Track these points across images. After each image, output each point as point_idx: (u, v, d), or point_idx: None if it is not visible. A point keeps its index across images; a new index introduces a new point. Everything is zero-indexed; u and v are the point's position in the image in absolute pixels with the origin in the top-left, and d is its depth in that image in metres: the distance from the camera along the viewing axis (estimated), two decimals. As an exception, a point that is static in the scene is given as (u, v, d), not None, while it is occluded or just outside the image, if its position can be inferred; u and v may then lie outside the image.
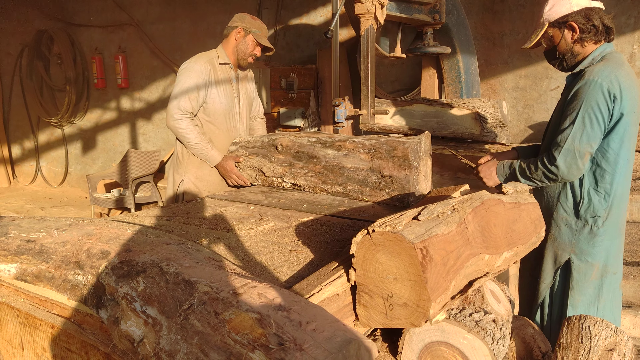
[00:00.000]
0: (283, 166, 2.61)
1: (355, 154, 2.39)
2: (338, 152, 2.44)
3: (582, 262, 2.25)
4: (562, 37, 2.21)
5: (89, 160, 7.61)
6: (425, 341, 1.33)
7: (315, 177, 2.51)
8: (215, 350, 0.84)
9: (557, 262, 2.32)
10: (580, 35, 2.17)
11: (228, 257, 1.54)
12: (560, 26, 2.19)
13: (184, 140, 2.88)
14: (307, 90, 5.09)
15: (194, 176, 2.97)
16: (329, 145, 2.48)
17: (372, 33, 2.76)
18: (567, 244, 2.28)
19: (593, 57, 2.19)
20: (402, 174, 2.26)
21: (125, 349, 1.00)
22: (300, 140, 2.58)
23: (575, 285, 2.27)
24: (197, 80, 2.86)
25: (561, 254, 2.30)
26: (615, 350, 1.42)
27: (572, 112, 2.10)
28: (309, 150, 2.53)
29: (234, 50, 2.98)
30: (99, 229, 1.36)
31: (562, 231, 2.29)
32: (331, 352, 0.83)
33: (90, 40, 7.14)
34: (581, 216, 2.23)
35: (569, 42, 2.21)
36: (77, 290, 1.21)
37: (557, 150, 2.10)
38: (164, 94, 6.55)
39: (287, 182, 2.62)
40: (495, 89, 4.36)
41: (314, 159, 2.51)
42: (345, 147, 2.43)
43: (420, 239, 1.16)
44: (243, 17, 2.99)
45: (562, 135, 2.10)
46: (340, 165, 2.42)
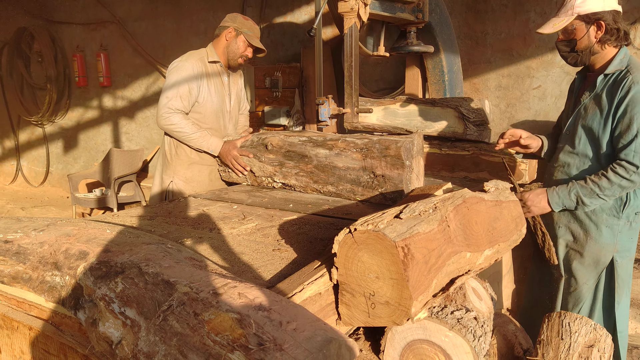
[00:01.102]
0: (273, 166, 2.59)
1: (347, 153, 2.37)
2: (330, 152, 2.42)
3: (624, 259, 2.28)
4: (587, 33, 2.18)
5: (71, 159, 7.50)
6: (408, 339, 1.33)
7: (306, 177, 2.49)
8: (194, 352, 0.83)
9: (602, 263, 2.30)
10: (603, 36, 2.17)
11: (210, 257, 1.53)
12: (589, 22, 2.17)
13: (180, 137, 2.82)
14: (292, 89, 5.07)
15: (183, 177, 2.93)
16: (321, 145, 2.46)
17: (356, 32, 2.75)
18: (609, 244, 2.27)
19: (620, 58, 2.19)
20: (395, 173, 2.25)
21: (103, 350, 0.99)
22: (291, 140, 2.55)
23: (621, 282, 2.29)
24: (188, 78, 2.80)
25: (605, 254, 2.29)
26: (595, 347, 1.44)
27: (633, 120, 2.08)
28: (299, 149, 2.50)
29: (225, 50, 2.94)
30: (77, 229, 1.34)
31: (603, 233, 2.27)
32: (311, 351, 0.83)
33: (72, 38, 7.03)
34: (624, 216, 2.25)
35: (592, 40, 2.19)
36: (55, 291, 1.19)
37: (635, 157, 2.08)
38: (147, 92, 6.49)
39: (277, 181, 2.59)
40: (479, 87, 4.40)
41: (305, 159, 2.48)
42: (337, 146, 2.41)
43: (402, 237, 1.16)
44: (235, 17, 2.94)
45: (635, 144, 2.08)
46: (332, 164, 2.40)
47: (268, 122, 5.11)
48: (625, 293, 2.33)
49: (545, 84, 4.08)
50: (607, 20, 2.14)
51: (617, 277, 2.28)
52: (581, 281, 2.37)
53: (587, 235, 2.31)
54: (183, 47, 6.01)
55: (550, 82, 4.06)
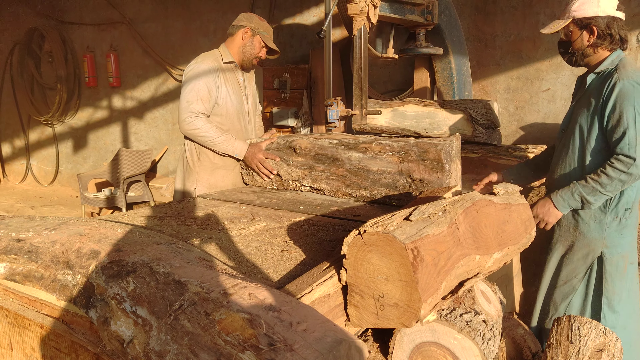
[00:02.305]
0: (302, 169, 2.52)
1: (383, 156, 2.31)
2: (363, 155, 2.35)
3: (614, 255, 2.31)
4: (580, 36, 2.29)
5: (80, 159, 7.56)
6: (416, 341, 1.33)
7: (337, 181, 2.42)
8: (205, 351, 0.83)
9: (590, 257, 2.36)
10: (596, 41, 2.27)
11: (219, 257, 1.53)
12: (582, 26, 2.28)
13: (204, 141, 2.75)
14: (300, 90, 5.08)
15: (207, 183, 2.87)
16: (353, 147, 2.39)
17: (365, 33, 2.76)
18: (598, 239, 2.32)
19: (612, 59, 2.28)
20: (434, 177, 2.19)
21: (114, 349, 1.00)
22: (321, 142, 2.49)
23: (609, 277, 2.32)
24: (207, 80, 2.76)
25: (593, 248, 2.34)
26: (605, 351, 1.43)
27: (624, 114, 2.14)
28: (330, 152, 2.43)
29: (240, 50, 2.89)
30: (88, 228, 1.35)
31: (591, 227, 2.33)
32: (322, 352, 0.83)
33: (82, 39, 7.09)
34: (613, 211, 2.29)
35: (584, 43, 2.30)
36: (66, 290, 1.20)
37: (631, 150, 2.12)
38: (156, 92, 6.52)
39: (306, 185, 2.53)
40: (487, 90, 4.38)
41: (336, 162, 2.42)
42: (372, 149, 2.34)
43: (412, 239, 1.16)
44: (251, 18, 2.89)
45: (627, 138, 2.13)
46: (366, 168, 2.34)
47: (276, 123, 5.12)
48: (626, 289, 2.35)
49: (554, 86, 4.07)
50: (600, 26, 2.24)
51: (605, 272, 2.33)
52: (571, 274, 2.42)
53: (576, 229, 2.38)
54: (192, 48, 6.06)
55: (559, 85, 4.04)
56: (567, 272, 2.44)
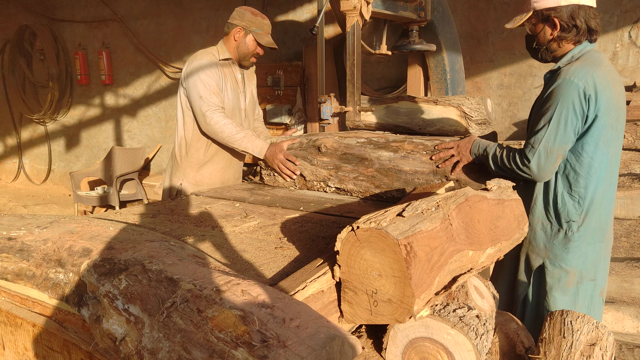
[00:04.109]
0: (328, 169, 2.42)
1: (416, 155, 2.22)
2: (394, 154, 2.26)
3: (556, 268, 2.14)
4: (543, 29, 2.08)
5: (73, 157, 7.51)
6: (410, 337, 1.34)
7: (366, 182, 2.33)
8: (197, 348, 0.83)
9: (531, 265, 2.21)
10: (559, 34, 2.05)
11: (213, 255, 1.53)
12: (543, 18, 2.06)
13: (223, 137, 2.68)
14: (294, 87, 5.07)
15: (193, 180, 2.87)
16: (383, 147, 2.30)
17: (358, 30, 2.75)
18: (541, 249, 2.17)
19: (572, 54, 2.06)
20: (473, 177, 2.10)
21: (107, 347, 0.99)
22: (348, 141, 2.40)
23: (549, 290, 2.16)
24: (210, 74, 2.73)
25: (535, 257, 2.19)
26: (597, 345, 1.44)
27: (546, 112, 1.98)
28: (358, 151, 2.34)
29: (235, 50, 2.86)
30: (80, 226, 1.34)
31: (537, 235, 2.17)
32: (314, 348, 0.83)
33: (74, 36, 7.04)
34: (555, 220, 2.11)
35: (547, 37, 2.09)
36: (58, 288, 1.20)
37: (530, 152, 1.98)
38: (149, 90, 6.49)
39: (331, 186, 2.44)
40: (481, 86, 4.39)
41: (364, 162, 2.32)
42: (403, 148, 2.25)
43: (405, 235, 1.16)
44: (243, 15, 2.84)
45: (537, 137, 1.98)
46: (397, 168, 2.24)
47: (270, 120, 5.11)
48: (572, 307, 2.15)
49: (547, 82, 4.08)
50: (562, 17, 2.01)
51: (546, 284, 2.16)
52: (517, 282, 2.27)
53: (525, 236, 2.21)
54: (185, 46, 6.04)
55: (552, 81, 4.05)
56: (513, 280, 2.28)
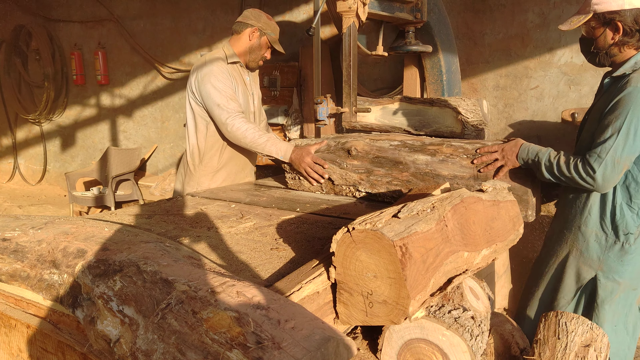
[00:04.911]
0: (358, 173, 2.35)
1: (455, 159, 2.16)
2: (432, 158, 2.20)
3: (609, 280, 2.09)
4: (603, 33, 2.00)
5: (68, 157, 7.49)
6: (405, 338, 1.34)
7: (401, 186, 2.26)
8: (192, 350, 0.83)
9: (582, 278, 2.14)
10: (622, 38, 1.97)
11: (208, 256, 1.53)
12: (605, 22, 1.98)
13: (246, 142, 2.63)
14: (290, 88, 5.07)
15: (207, 187, 2.83)
16: (419, 150, 2.24)
17: (354, 31, 2.75)
18: (594, 260, 2.10)
19: (636, 60, 1.99)
20: (517, 184, 2.03)
21: (101, 349, 0.99)
22: (380, 144, 2.34)
23: (601, 304, 2.10)
24: (223, 79, 2.69)
25: (587, 270, 2.12)
26: (592, 346, 1.44)
27: (615, 121, 1.89)
28: (392, 155, 2.28)
29: (246, 49, 2.82)
30: (75, 227, 1.34)
31: (590, 246, 2.10)
32: (309, 350, 0.83)
33: (69, 36, 7.02)
34: (612, 232, 2.06)
35: (608, 41, 2.01)
36: (53, 289, 1.19)
37: (597, 162, 1.90)
38: (145, 90, 6.47)
39: (362, 191, 2.36)
40: (477, 87, 4.40)
41: (399, 165, 2.25)
42: (441, 151, 2.19)
43: (400, 236, 1.16)
44: (259, 16, 2.83)
45: (604, 146, 1.89)
46: (435, 172, 2.18)
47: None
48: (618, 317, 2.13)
49: (542, 84, 4.09)
50: (626, 21, 1.94)
51: (597, 297, 2.11)
52: (560, 294, 2.22)
53: (574, 245, 2.17)
54: (181, 46, 6.03)
55: (547, 83, 4.07)
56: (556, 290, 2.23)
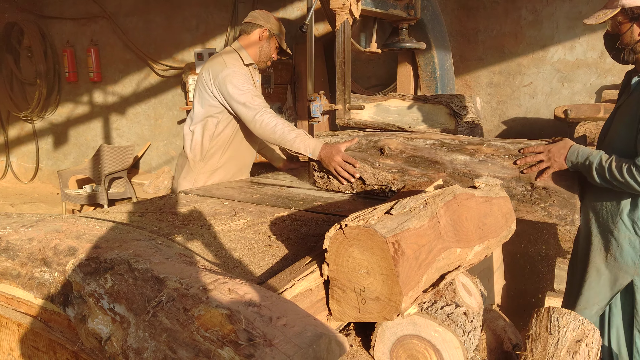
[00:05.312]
0: (392, 173, 2.27)
1: (496, 160, 2.08)
2: (471, 158, 2.12)
3: None
4: (630, 29, 1.96)
5: (61, 155, 7.45)
6: (398, 335, 1.34)
7: None
8: (183, 347, 0.83)
9: (618, 284, 2.10)
10: None
11: (201, 253, 1.52)
12: (633, 17, 1.94)
13: (274, 138, 2.54)
14: (284, 85, 5.06)
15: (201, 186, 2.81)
16: (457, 149, 2.17)
17: (348, 28, 2.75)
18: (629, 266, 2.06)
19: None
20: (564, 185, 1.95)
21: (92, 347, 0.99)
22: (415, 143, 2.27)
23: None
24: (245, 79, 2.66)
25: (623, 276, 2.08)
26: (583, 341, 1.45)
27: None
28: (428, 154, 2.21)
29: (257, 51, 2.81)
30: (66, 225, 1.33)
31: (624, 252, 2.05)
32: (301, 347, 0.83)
33: (62, 33, 6.97)
34: None
35: (634, 37, 1.97)
36: (43, 288, 1.19)
37: None
38: (138, 88, 6.45)
39: (395, 191, 2.26)
40: (470, 85, 4.41)
41: (435, 165, 2.18)
42: (481, 151, 2.12)
43: (392, 233, 1.16)
44: (268, 17, 2.83)
45: None
46: (474, 173, 2.11)
47: (260, 118, 5.09)
48: None
49: (535, 81, 4.11)
50: None
51: (636, 302, 2.07)
52: (592, 300, 2.16)
53: (608, 251, 2.11)
54: (175, 43, 6.00)
55: (540, 80, 4.08)
56: (589, 296, 2.17)
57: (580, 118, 3.32)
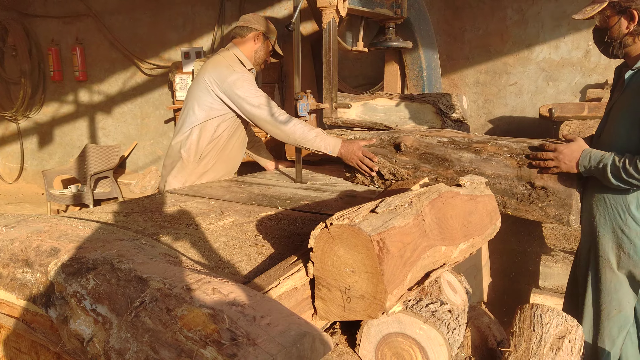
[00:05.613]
0: (407, 169, 2.35)
1: (499, 158, 2.12)
2: (476, 156, 2.17)
3: None
4: (618, 22, 1.98)
5: (46, 155, 7.36)
6: (383, 332, 1.34)
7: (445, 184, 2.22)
8: (166, 348, 0.82)
9: (637, 281, 2.09)
10: (637, 27, 1.95)
11: (186, 253, 1.51)
12: (620, 10, 1.96)
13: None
14: (272, 84, 5.05)
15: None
16: (465, 147, 2.22)
17: (334, 26, 2.75)
18: None
19: None
20: (562, 186, 1.97)
21: (74, 348, 0.98)
22: (428, 140, 2.32)
23: None
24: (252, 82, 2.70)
25: (639, 272, 2.07)
26: (566, 338, 1.46)
27: None
28: (438, 151, 2.26)
29: (252, 54, 2.84)
30: (49, 225, 1.31)
31: (637, 247, 2.04)
32: (285, 346, 0.83)
33: (47, 32, 6.89)
34: None
35: (622, 30, 1.99)
36: (25, 289, 1.17)
37: None
38: (124, 87, 6.39)
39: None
40: (457, 83, 4.43)
41: (444, 162, 2.24)
42: (486, 149, 2.17)
43: (377, 231, 1.17)
44: (261, 20, 2.85)
45: None
46: (479, 170, 2.16)
47: (247, 117, 5.07)
48: None
49: (521, 80, 4.14)
50: None
51: None
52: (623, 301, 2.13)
53: (621, 249, 2.09)
54: (161, 42, 5.95)
55: (526, 79, 4.12)
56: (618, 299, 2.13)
57: (565, 117, 3.35)
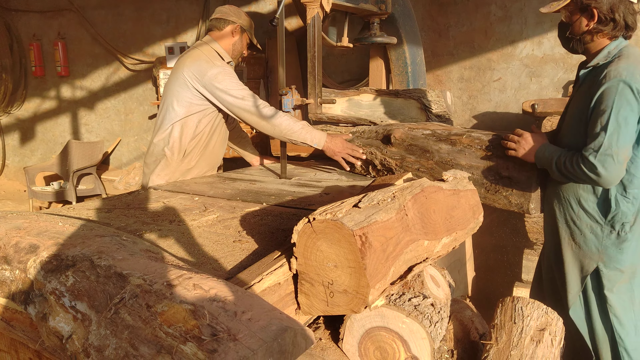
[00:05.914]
0: (395, 160, 2.43)
1: (472, 150, 2.19)
2: (452, 147, 2.24)
3: (611, 270, 2.10)
4: (579, 19, 2.02)
5: (28, 151, 7.25)
6: (366, 327, 1.35)
7: (427, 174, 2.30)
8: (145, 344, 0.82)
9: (584, 271, 2.15)
10: (596, 26, 1.99)
11: (169, 249, 1.50)
12: (582, 8, 2.00)
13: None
14: (257, 80, 5.02)
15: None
16: (444, 139, 2.29)
17: (319, 22, 2.74)
18: (594, 252, 2.11)
19: (609, 50, 2.01)
20: (524, 176, 2.05)
21: (54, 345, 0.97)
22: (415, 133, 2.39)
23: (608, 293, 2.11)
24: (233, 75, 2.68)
25: (588, 262, 2.13)
26: (547, 330, 1.48)
27: (602, 115, 1.90)
28: (422, 143, 2.34)
29: (231, 48, 2.82)
30: (28, 222, 1.30)
31: (587, 239, 2.11)
32: (266, 340, 0.83)
33: (28, 26, 6.77)
34: (608, 223, 2.07)
35: (582, 28, 2.03)
36: (4, 286, 1.15)
37: (593, 156, 1.89)
38: (107, 82, 6.31)
39: None
40: (442, 79, 4.45)
41: (426, 154, 2.31)
42: (461, 141, 2.23)
43: (360, 225, 1.17)
44: (239, 13, 2.83)
45: (597, 141, 1.89)
46: (455, 161, 2.22)
47: (232, 113, 5.05)
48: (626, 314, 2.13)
49: (505, 76, 4.17)
50: (602, 9, 1.96)
51: (603, 287, 2.12)
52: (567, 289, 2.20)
53: (572, 239, 2.17)
54: (144, 37, 5.89)
55: (510, 75, 4.15)
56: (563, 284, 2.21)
57: (547, 112, 3.39)
